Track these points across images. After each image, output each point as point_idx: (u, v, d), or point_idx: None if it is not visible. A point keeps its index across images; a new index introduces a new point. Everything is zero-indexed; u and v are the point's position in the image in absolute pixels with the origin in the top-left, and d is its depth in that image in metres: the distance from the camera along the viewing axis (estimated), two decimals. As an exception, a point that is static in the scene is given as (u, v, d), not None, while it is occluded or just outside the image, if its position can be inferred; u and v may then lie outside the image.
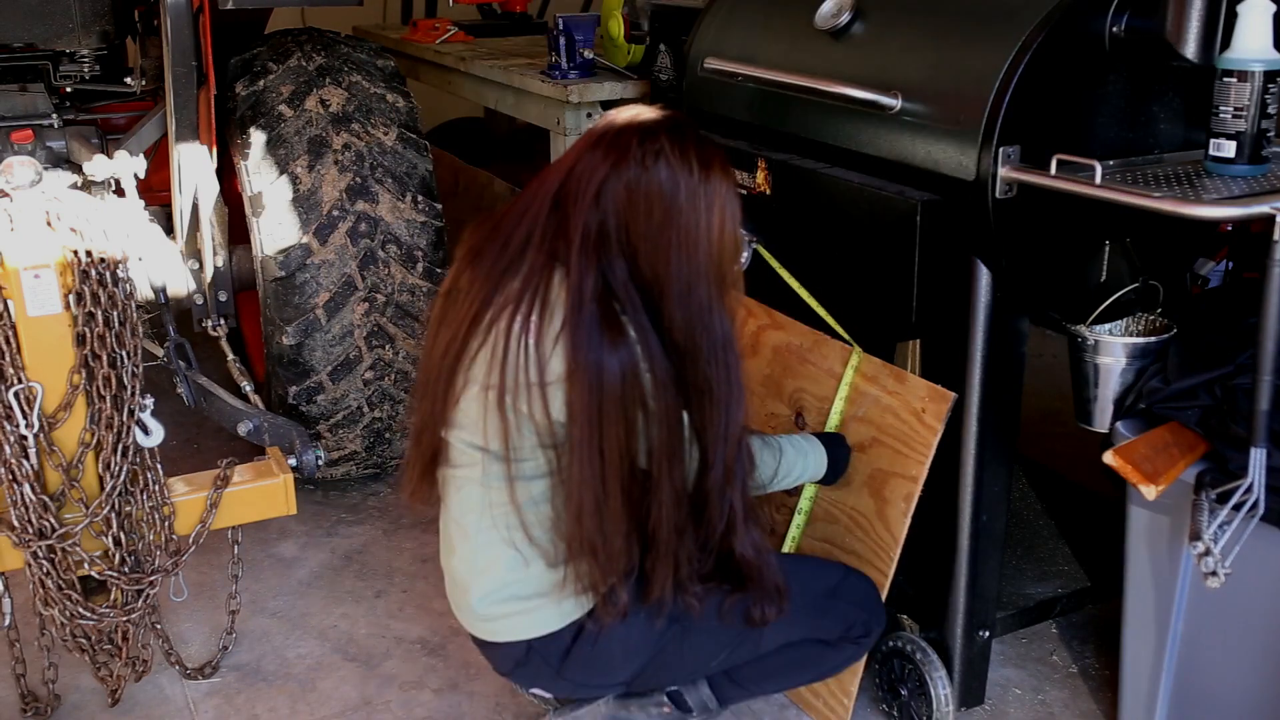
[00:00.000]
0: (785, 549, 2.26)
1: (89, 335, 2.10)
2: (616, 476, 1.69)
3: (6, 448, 2.05)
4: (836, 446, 2.14)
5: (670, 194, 1.69)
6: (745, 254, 2.10)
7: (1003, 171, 1.88)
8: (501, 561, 1.81)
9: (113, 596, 2.20)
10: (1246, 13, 1.75)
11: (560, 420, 1.69)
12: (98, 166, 2.86)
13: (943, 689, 2.16)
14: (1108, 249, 2.05)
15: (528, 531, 1.77)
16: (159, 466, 2.21)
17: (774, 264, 2.21)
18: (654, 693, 2.04)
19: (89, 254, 2.10)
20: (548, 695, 2.01)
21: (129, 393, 2.14)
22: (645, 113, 1.76)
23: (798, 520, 2.26)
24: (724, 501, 1.76)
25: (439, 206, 3.04)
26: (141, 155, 3.00)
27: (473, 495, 1.81)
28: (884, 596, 2.10)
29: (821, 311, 2.19)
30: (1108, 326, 2.14)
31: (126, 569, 2.16)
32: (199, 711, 2.37)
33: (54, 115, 3.18)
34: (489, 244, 1.78)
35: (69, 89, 3.37)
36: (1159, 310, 2.15)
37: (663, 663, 1.90)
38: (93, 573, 2.14)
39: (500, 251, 1.76)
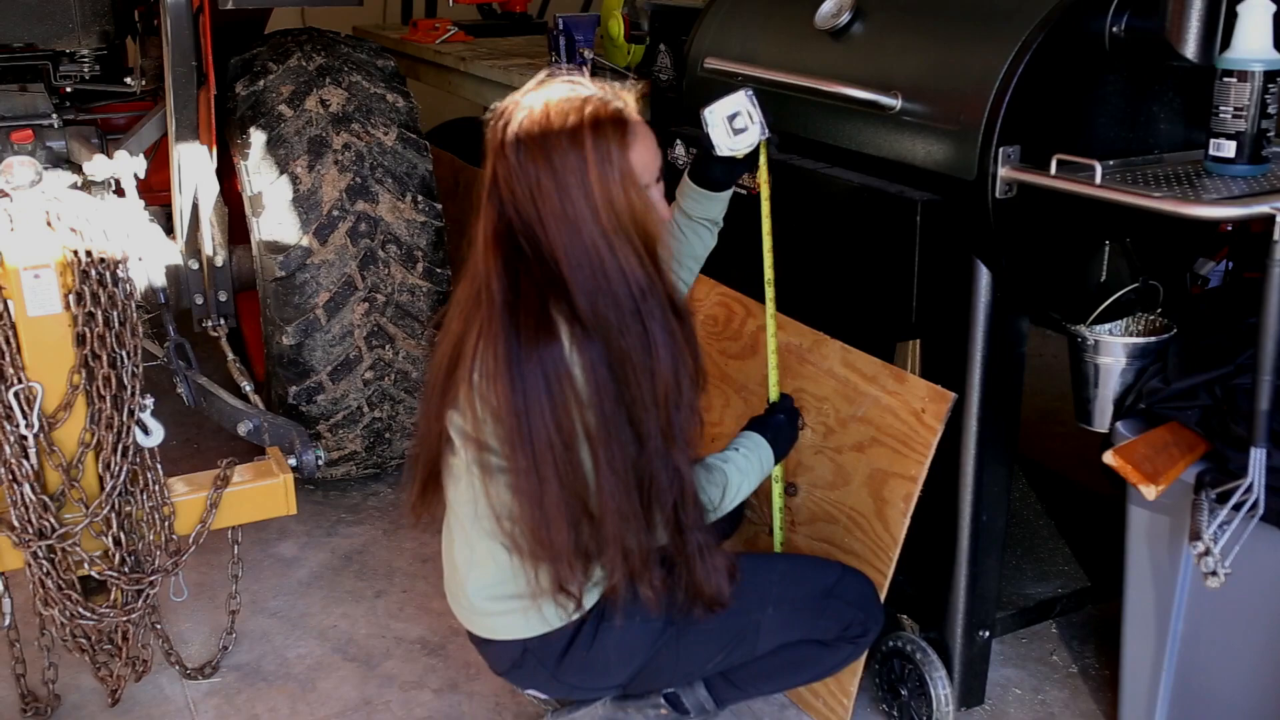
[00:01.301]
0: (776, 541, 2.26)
1: (89, 335, 2.10)
2: (550, 466, 1.67)
3: (6, 448, 2.05)
4: (772, 426, 2.04)
5: (540, 174, 1.68)
6: (752, 138, 1.99)
7: (1003, 171, 1.88)
8: (493, 556, 1.82)
9: (113, 596, 2.20)
10: (1246, 13, 1.74)
11: (493, 417, 1.70)
12: (98, 166, 2.86)
13: (943, 689, 2.16)
14: (1108, 249, 2.05)
15: (500, 525, 1.76)
16: (159, 466, 2.21)
17: (763, 181, 2.10)
18: (651, 694, 2.04)
19: (89, 254, 2.10)
20: (544, 696, 2.01)
21: (129, 393, 2.14)
22: (512, 97, 1.75)
23: (778, 503, 2.21)
24: (668, 467, 1.71)
25: (439, 206, 3.04)
26: (141, 155, 3.00)
27: (465, 486, 1.83)
28: (883, 596, 2.10)
29: (769, 275, 2.13)
30: (1108, 326, 2.13)
31: (126, 569, 2.16)
32: (199, 711, 2.37)
33: (54, 115, 3.18)
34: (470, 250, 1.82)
35: (69, 89, 3.37)
36: (1159, 310, 2.15)
37: (659, 665, 1.90)
38: (93, 573, 2.14)
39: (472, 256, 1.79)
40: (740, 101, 1.98)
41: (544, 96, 1.72)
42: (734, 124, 1.98)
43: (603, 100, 1.72)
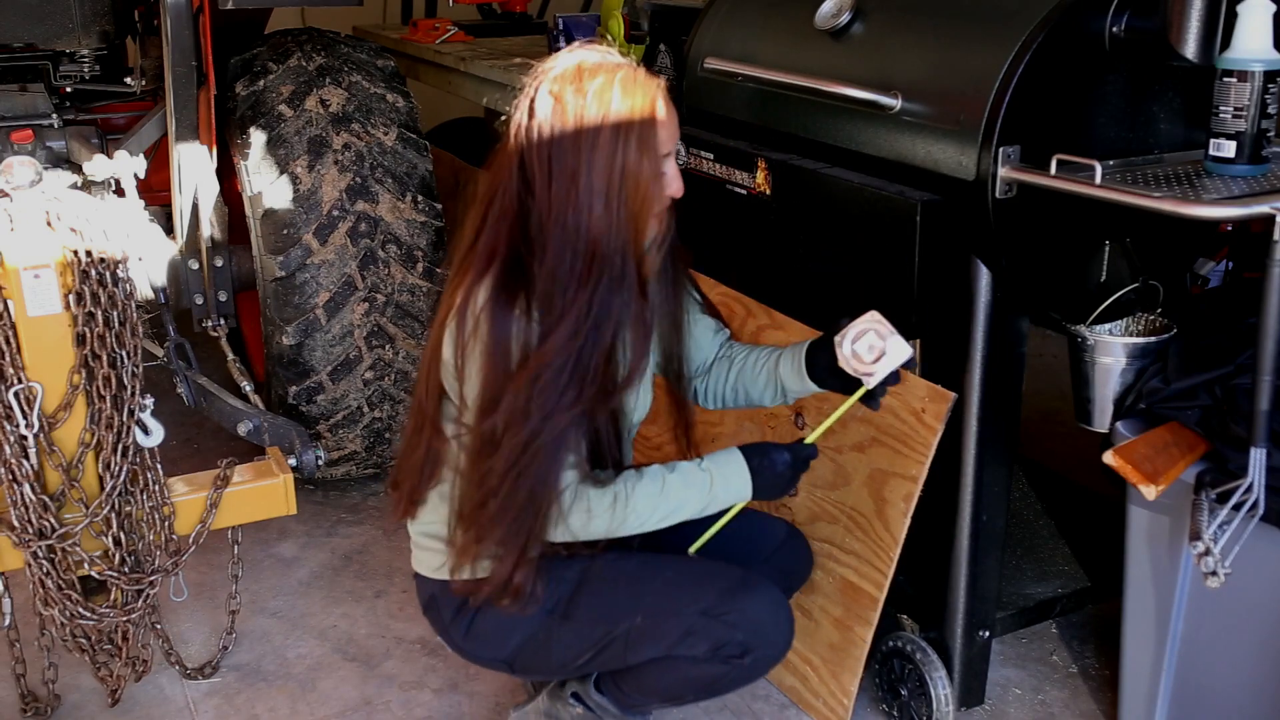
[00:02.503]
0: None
1: (89, 335, 2.10)
2: (422, 398, 1.83)
3: (6, 448, 2.05)
4: (768, 456, 1.87)
5: (561, 121, 1.72)
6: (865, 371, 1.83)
7: (1003, 171, 1.88)
8: (440, 494, 1.89)
9: (113, 596, 2.20)
10: (1246, 13, 1.74)
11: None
12: (98, 166, 2.86)
13: (943, 689, 2.16)
14: (1108, 249, 2.05)
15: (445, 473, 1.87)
16: (159, 466, 2.21)
17: (836, 415, 1.90)
18: (567, 689, 2.05)
19: (89, 254, 2.10)
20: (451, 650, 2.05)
21: (129, 393, 2.14)
22: (555, 56, 1.80)
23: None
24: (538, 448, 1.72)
25: (439, 206, 3.04)
26: (141, 155, 3.00)
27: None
28: (883, 596, 2.10)
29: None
30: (1108, 326, 2.13)
31: (126, 569, 2.16)
32: (199, 711, 2.37)
33: (54, 115, 3.18)
34: None
35: (69, 89, 3.37)
36: (1159, 310, 2.15)
37: (534, 651, 1.92)
38: (93, 573, 2.15)
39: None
40: (885, 341, 1.81)
41: (579, 57, 1.78)
42: (864, 346, 1.83)
43: (633, 67, 1.78)
